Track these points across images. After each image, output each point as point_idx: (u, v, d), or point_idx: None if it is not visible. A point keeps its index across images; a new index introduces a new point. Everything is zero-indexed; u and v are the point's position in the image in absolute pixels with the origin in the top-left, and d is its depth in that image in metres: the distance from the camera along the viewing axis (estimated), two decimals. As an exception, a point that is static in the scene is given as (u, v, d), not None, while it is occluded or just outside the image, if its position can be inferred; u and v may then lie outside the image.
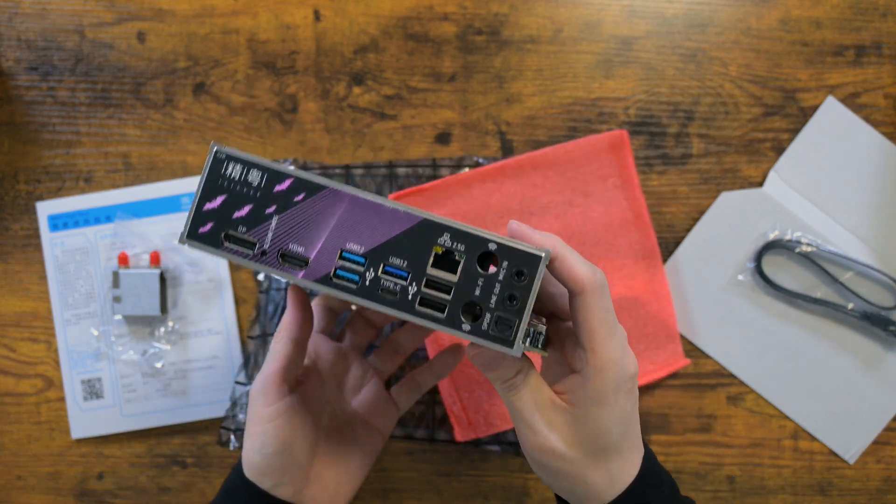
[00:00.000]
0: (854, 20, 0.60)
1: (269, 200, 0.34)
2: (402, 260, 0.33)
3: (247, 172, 0.34)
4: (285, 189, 0.34)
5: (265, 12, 0.60)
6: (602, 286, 0.35)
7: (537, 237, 0.35)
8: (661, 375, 0.58)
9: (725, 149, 0.60)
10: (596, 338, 0.35)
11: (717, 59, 0.60)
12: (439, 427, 0.59)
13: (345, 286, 0.34)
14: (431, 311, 0.33)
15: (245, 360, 0.58)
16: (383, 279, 0.34)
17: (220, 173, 0.34)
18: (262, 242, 0.34)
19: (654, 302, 0.58)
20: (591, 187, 0.58)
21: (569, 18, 0.60)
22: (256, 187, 0.34)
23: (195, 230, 0.34)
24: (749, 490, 0.59)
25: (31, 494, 0.60)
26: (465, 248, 0.33)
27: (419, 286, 0.33)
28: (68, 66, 0.60)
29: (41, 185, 0.60)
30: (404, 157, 0.60)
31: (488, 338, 0.33)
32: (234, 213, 0.34)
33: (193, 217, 0.34)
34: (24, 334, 0.60)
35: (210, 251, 0.34)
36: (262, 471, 0.44)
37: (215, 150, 0.34)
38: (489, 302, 0.33)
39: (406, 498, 0.60)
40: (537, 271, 0.33)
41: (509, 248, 0.33)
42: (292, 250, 0.34)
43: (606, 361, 0.36)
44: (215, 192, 0.34)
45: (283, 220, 0.34)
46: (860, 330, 0.59)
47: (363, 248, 0.34)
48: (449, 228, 0.33)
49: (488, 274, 0.33)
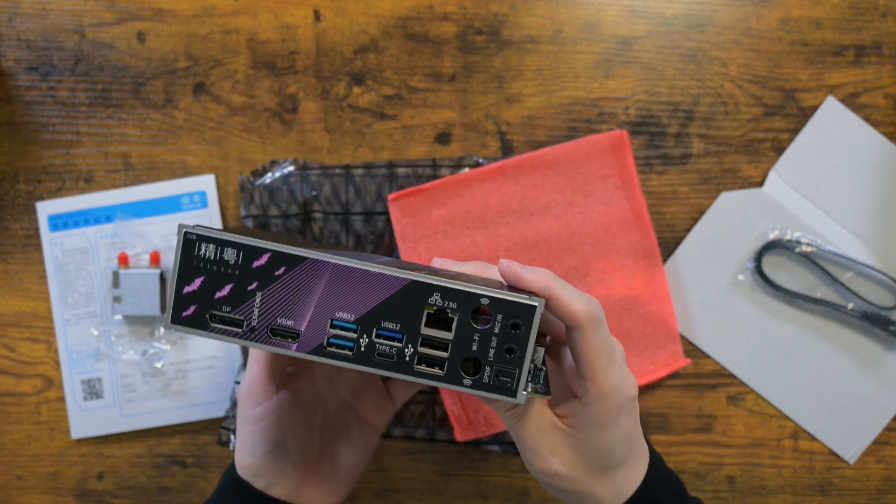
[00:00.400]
0: (854, 20, 0.60)
1: (250, 277, 0.33)
2: (394, 323, 0.33)
3: (221, 251, 0.33)
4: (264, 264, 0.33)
5: (265, 12, 0.60)
6: (598, 319, 0.35)
7: (529, 276, 0.35)
8: (661, 375, 0.58)
9: (725, 149, 0.60)
10: (595, 368, 0.35)
11: (717, 59, 0.60)
12: (439, 427, 0.59)
13: (340, 354, 0.33)
14: (430, 369, 0.33)
15: (245, 360, 0.58)
16: (378, 343, 0.33)
17: (193, 255, 0.33)
18: (249, 320, 0.33)
19: (653, 302, 0.58)
20: (592, 187, 0.58)
21: (569, 18, 0.60)
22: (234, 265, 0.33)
23: (178, 314, 0.33)
24: (749, 490, 0.59)
25: (31, 494, 0.60)
26: (457, 306, 0.32)
27: (415, 347, 0.33)
28: (68, 66, 0.60)
29: (41, 185, 0.60)
30: (404, 157, 0.60)
31: (490, 390, 0.33)
32: (215, 293, 0.33)
33: (174, 302, 0.33)
34: (24, 334, 0.60)
35: (197, 334, 0.33)
36: (255, 471, 0.44)
37: (184, 231, 0.33)
38: (488, 355, 0.33)
39: (406, 498, 0.60)
40: (532, 322, 0.32)
41: (502, 300, 0.32)
42: (281, 325, 0.33)
43: (607, 389, 0.36)
44: (192, 273, 0.33)
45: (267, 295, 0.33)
46: (860, 330, 0.59)
47: (353, 315, 0.33)
48: (438, 288, 0.32)
49: (484, 329, 0.33)
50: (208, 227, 0.33)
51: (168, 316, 0.33)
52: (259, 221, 0.58)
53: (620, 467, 0.38)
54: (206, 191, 0.60)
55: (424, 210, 0.57)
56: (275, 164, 0.59)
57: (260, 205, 0.58)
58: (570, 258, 0.58)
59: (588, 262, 0.58)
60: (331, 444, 0.48)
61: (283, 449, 0.44)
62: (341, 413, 0.50)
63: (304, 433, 0.46)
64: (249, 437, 0.44)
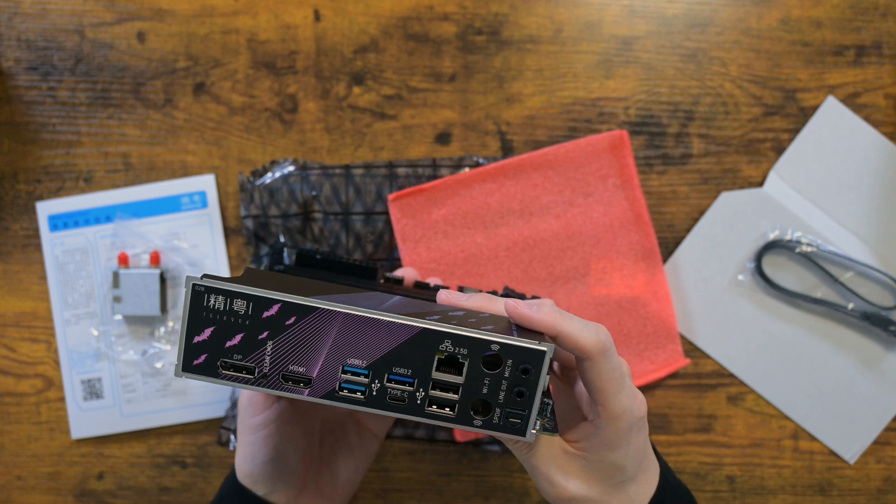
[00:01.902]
0: (854, 20, 0.60)
1: (260, 327, 0.33)
2: (406, 368, 0.33)
3: (231, 302, 0.32)
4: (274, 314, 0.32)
5: (265, 12, 0.60)
6: (606, 348, 0.35)
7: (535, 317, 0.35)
8: (661, 375, 0.58)
9: (725, 149, 0.60)
10: (607, 394, 0.36)
11: (717, 59, 0.60)
12: (439, 427, 0.58)
13: (352, 398, 0.33)
14: (441, 410, 0.33)
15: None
16: (389, 388, 0.33)
17: (202, 306, 0.33)
18: (261, 367, 0.33)
19: (653, 302, 0.58)
20: (592, 187, 0.58)
21: (569, 18, 0.60)
22: (244, 315, 0.32)
23: (189, 363, 0.33)
24: (749, 490, 0.59)
25: (31, 494, 0.60)
26: (468, 352, 0.33)
27: (426, 391, 0.33)
28: (68, 66, 0.60)
29: (41, 185, 0.60)
30: (404, 157, 0.60)
31: (500, 430, 0.33)
32: (226, 342, 0.33)
33: (185, 351, 0.33)
34: (24, 334, 0.60)
35: (209, 381, 0.33)
36: (256, 479, 0.44)
37: (192, 284, 0.32)
38: (498, 398, 0.33)
39: (406, 498, 0.60)
40: (542, 366, 0.33)
41: (512, 346, 0.33)
42: (293, 371, 0.33)
43: (619, 413, 0.36)
44: (202, 324, 0.33)
45: (278, 343, 0.33)
46: (860, 330, 0.59)
47: (365, 361, 0.33)
48: (449, 335, 0.33)
49: (494, 373, 0.33)
50: (217, 279, 0.33)
51: (179, 364, 0.33)
52: (259, 221, 0.58)
53: (633, 482, 0.39)
54: (206, 191, 0.60)
55: (425, 210, 0.57)
56: (275, 164, 0.59)
57: (260, 205, 0.58)
58: (570, 258, 0.58)
59: (588, 262, 0.58)
60: (330, 452, 0.48)
61: (283, 457, 0.44)
62: (341, 420, 0.50)
63: (304, 441, 0.46)
64: (250, 445, 0.44)
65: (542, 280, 0.58)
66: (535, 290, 0.58)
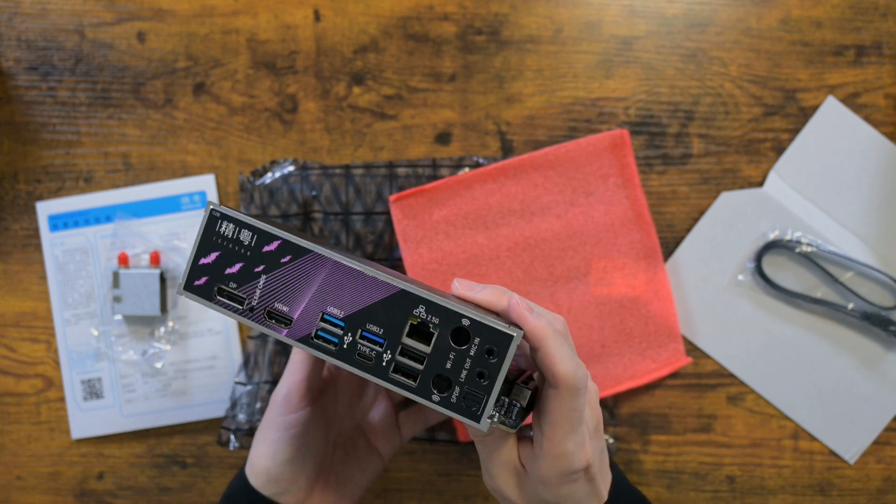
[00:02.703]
0: (854, 20, 0.60)
1: (259, 260, 0.35)
2: (379, 327, 0.34)
3: (239, 232, 0.35)
4: (273, 250, 0.35)
5: (265, 12, 0.60)
6: (577, 388, 0.35)
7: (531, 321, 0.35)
8: (663, 374, 0.58)
9: (725, 149, 0.60)
10: (556, 430, 0.36)
11: (717, 59, 0.60)
12: (439, 427, 0.58)
13: (324, 347, 0.35)
14: (404, 378, 0.34)
15: (245, 360, 0.58)
16: (360, 344, 0.34)
17: (214, 230, 0.35)
18: (250, 299, 0.35)
19: (655, 301, 0.58)
20: (592, 187, 0.58)
21: (569, 18, 0.60)
22: (247, 246, 0.35)
23: (191, 283, 0.36)
24: (749, 490, 0.59)
25: (31, 494, 0.60)
26: (439, 322, 0.34)
27: (394, 354, 0.34)
28: (68, 66, 0.60)
29: (41, 185, 0.60)
30: (404, 157, 0.60)
31: (456, 410, 0.34)
32: (226, 269, 0.35)
33: (190, 270, 0.36)
34: (24, 334, 0.60)
35: (203, 303, 0.36)
36: (271, 477, 0.44)
37: (210, 208, 0.35)
38: (459, 376, 0.34)
39: (406, 498, 0.60)
40: (507, 351, 0.33)
41: (481, 325, 0.33)
42: (278, 309, 0.35)
43: (559, 454, 0.36)
44: (210, 248, 0.36)
45: (270, 279, 0.35)
46: (860, 330, 0.59)
47: (343, 312, 0.34)
48: (424, 301, 0.34)
49: (460, 349, 0.34)
50: (232, 209, 0.35)
51: (182, 282, 0.36)
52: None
53: None
54: (206, 191, 0.60)
55: (426, 211, 0.57)
56: (275, 164, 0.59)
57: (260, 205, 0.58)
58: (571, 258, 0.58)
59: (589, 262, 0.58)
60: (340, 463, 0.49)
61: (302, 459, 0.45)
62: (353, 435, 0.51)
63: (322, 448, 0.47)
64: (274, 442, 0.44)
65: (544, 280, 0.58)
66: (537, 290, 0.58)
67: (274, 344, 0.58)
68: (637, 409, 0.59)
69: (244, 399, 0.58)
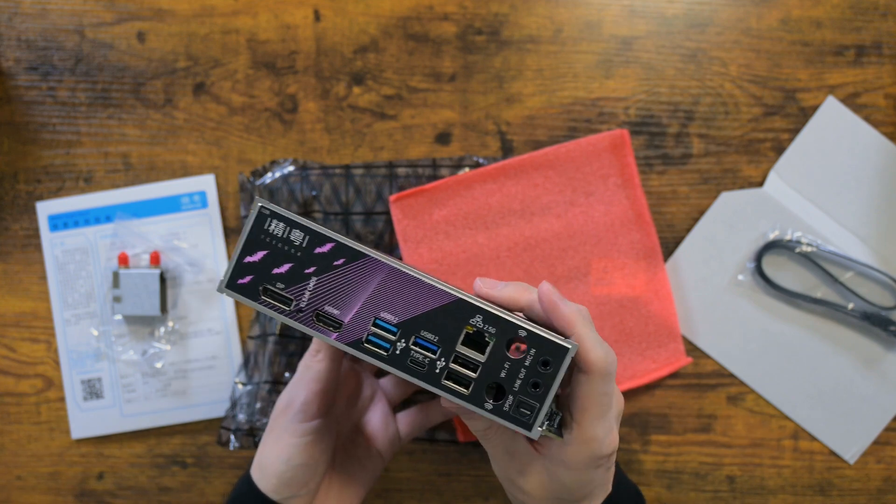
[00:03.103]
0: (854, 20, 0.60)
1: (310, 261, 0.34)
2: (433, 335, 0.34)
3: (289, 231, 0.34)
4: (326, 252, 0.34)
5: (265, 12, 0.60)
6: (608, 372, 0.36)
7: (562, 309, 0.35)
8: (664, 374, 0.58)
9: (725, 149, 0.60)
10: (586, 415, 0.36)
11: (717, 59, 0.60)
12: (439, 427, 0.59)
13: (375, 352, 0.34)
14: (457, 386, 0.34)
15: (245, 360, 0.58)
16: (413, 350, 0.34)
17: (262, 228, 0.34)
18: (298, 301, 0.35)
19: (655, 301, 0.58)
20: (593, 187, 0.58)
21: (569, 18, 0.60)
22: (298, 247, 0.34)
23: (234, 281, 0.35)
24: (749, 490, 0.59)
25: (31, 494, 0.60)
26: (495, 332, 0.34)
27: (447, 361, 0.34)
28: (68, 66, 0.60)
29: (41, 185, 0.60)
30: (404, 157, 0.60)
31: (508, 419, 0.34)
32: (273, 268, 0.35)
33: (234, 268, 0.35)
34: (24, 334, 0.60)
35: (247, 303, 0.35)
36: (283, 481, 0.45)
37: (259, 206, 0.34)
38: (513, 385, 0.34)
39: (406, 498, 0.60)
40: (562, 363, 0.34)
41: (538, 336, 0.34)
42: (328, 312, 0.35)
43: (589, 438, 0.36)
44: (256, 246, 0.35)
45: (321, 281, 0.34)
46: (860, 330, 0.59)
47: (397, 318, 0.34)
48: (482, 311, 0.34)
49: (515, 358, 0.34)
50: (282, 208, 0.35)
51: (224, 280, 0.35)
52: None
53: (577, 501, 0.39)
54: (206, 191, 0.60)
55: (426, 211, 0.57)
56: (275, 164, 0.59)
57: (260, 205, 0.58)
58: (571, 258, 0.58)
59: (589, 262, 0.58)
60: (341, 464, 0.49)
61: (314, 465, 0.45)
62: (352, 436, 0.51)
63: (331, 453, 0.47)
64: (289, 447, 0.45)
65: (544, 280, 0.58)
66: (536, 290, 0.58)
67: (274, 344, 0.58)
68: (637, 409, 0.59)
69: (244, 399, 0.58)
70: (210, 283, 0.60)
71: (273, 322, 0.58)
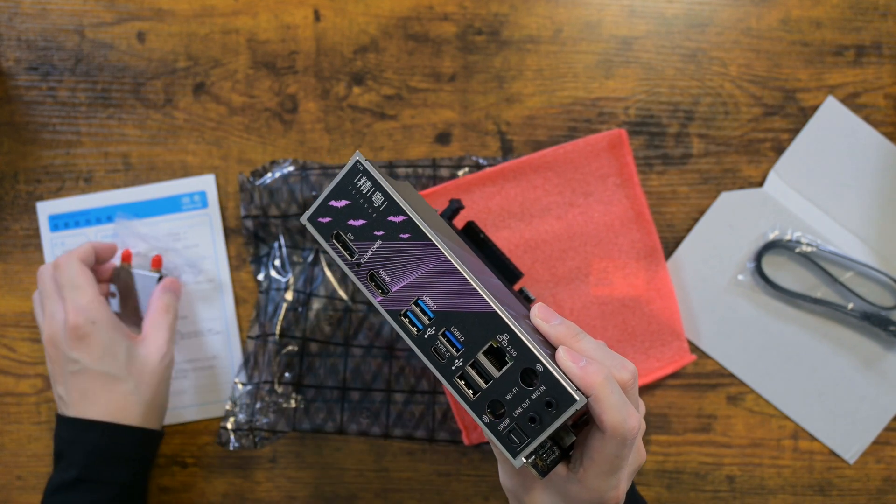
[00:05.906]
0: (854, 20, 0.60)
1: (381, 225, 0.36)
2: (462, 334, 0.36)
3: (373, 192, 0.36)
4: (397, 222, 0.36)
5: (265, 12, 0.60)
6: (625, 440, 0.36)
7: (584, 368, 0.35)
8: (668, 372, 0.58)
9: (725, 149, 0.60)
10: (593, 467, 0.37)
11: (717, 59, 0.60)
12: (439, 427, 0.59)
13: (407, 328, 0.36)
14: (465, 388, 0.36)
15: (245, 360, 0.58)
16: (440, 341, 0.36)
17: (352, 181, 0.37)
18: (361, 256, 0.37)
19: (657, 300, 0.58)
20: (592, 187, 0.58)
21: (569, 18, 0.60)
22: (376, 208, 0.36)
23: (315, 217, 0.37)
24: (749, 490, 0.59)
25: (32, 494, 0.60)
26: (516, 355, 0.35)
27: (465, 363, 0.36)
28: (68, 66, 0.60)
29: (41, 185, 0.60)
30: (404, 157, 0.60)
31: (499, 438, 0.35)
32: (349, 219, 0.37)
33: (318, 206, 0.37)
34: (24, 334, 0.60)
35: (320, 240, 0.37)
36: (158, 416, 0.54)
37: (356, 159, 0.36)
38: (514, 411, 0.35)
39: (406, 498, 0.60)
40: (566, 411, 0.34)
41: (553, 377, 0.34)
42: (381, 276, 0.37)
43: (592, 488, 0.37)
44: (342, 194, 0.37)
45: (384, 247, 0.37)
46: (860, 330, 0.59)
47: (436, 306, 0.36)
48: (511, 332, 0.35)
49: (525, 388, 0.35)
50: (375, 169, 0.37)
51: (309, 213, 0.37)
52: (259, 221, 0.58)
53: None
54: (206, 191, 0.60)
55: None
56: (275, 164, 0.59)
57: (260, 205, 0.58)
58: (572, 259, 0.58)
59: (590, 263, 0.58)
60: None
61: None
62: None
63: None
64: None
65: (546, 282, 0.58)
66: (539, 292, 0.58)
67: (273, 344, 0.58)
68: (637, 409, 0.59)
69: (244, 399, 0.58)
70: (210, 284, 0.60)
71: (273, 322, 0.58)
